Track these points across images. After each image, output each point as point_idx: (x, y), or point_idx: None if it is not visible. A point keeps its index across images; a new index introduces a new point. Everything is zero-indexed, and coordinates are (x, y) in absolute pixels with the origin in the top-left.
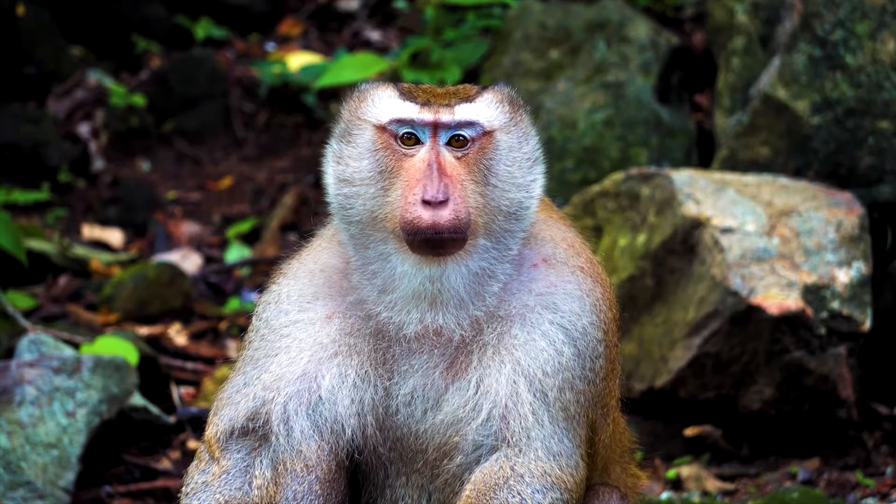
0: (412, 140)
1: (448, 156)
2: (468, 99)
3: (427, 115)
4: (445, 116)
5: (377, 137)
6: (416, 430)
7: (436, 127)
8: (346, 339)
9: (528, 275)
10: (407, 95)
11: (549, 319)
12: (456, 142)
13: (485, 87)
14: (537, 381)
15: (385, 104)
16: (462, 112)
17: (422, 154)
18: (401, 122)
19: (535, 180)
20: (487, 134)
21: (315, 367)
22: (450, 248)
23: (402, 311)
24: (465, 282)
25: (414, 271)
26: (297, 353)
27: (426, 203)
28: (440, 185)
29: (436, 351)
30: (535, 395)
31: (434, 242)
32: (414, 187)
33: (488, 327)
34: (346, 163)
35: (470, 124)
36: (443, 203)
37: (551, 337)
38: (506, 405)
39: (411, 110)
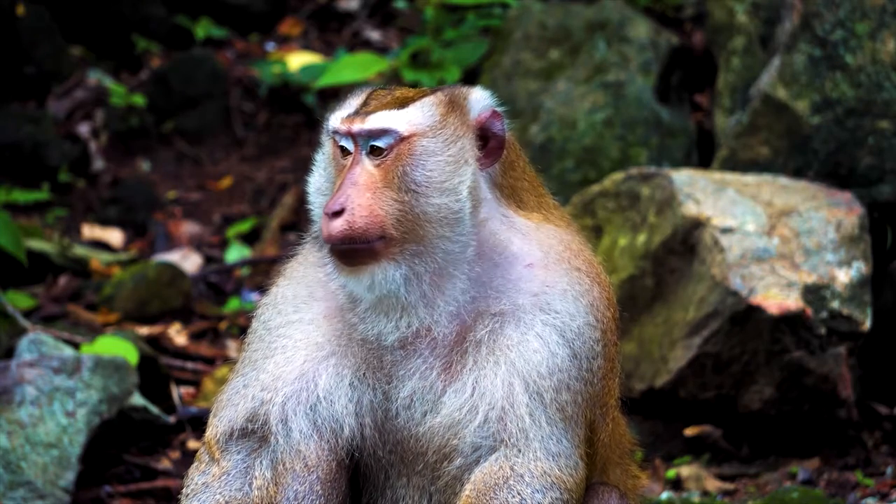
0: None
1: (368, 165)
2: (398, 105)
3: (343, 126)
4: (357, 126)
5: (332, 148)
6: (416, 433)
7: (356, 137)
8: (339, 341)
9: (520, 274)
10: (350, 105)
11: (542, 320)
12: (376, 150)
13: (435, 90)
14: (533, 382)
15: (338, 113)
16: (374, 121)
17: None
18: (336, 132)
19: (463, 182)
20: (405, 140)
21: (312, 367)
22: (360, 258)
23: (375, 322)
24: (407, 287)
25: (346, 281)
26: (293, 352)
27: (327, 214)
28: (340, 195)
29: (427, 352)
30: (531, 397)
31: (341, 253)
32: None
33: (480, 323)
34: (316, 172)
35: (384, 132)
36: (338, 214)
37: (545, 338)
38: (502, 407)
39: (337, 120)
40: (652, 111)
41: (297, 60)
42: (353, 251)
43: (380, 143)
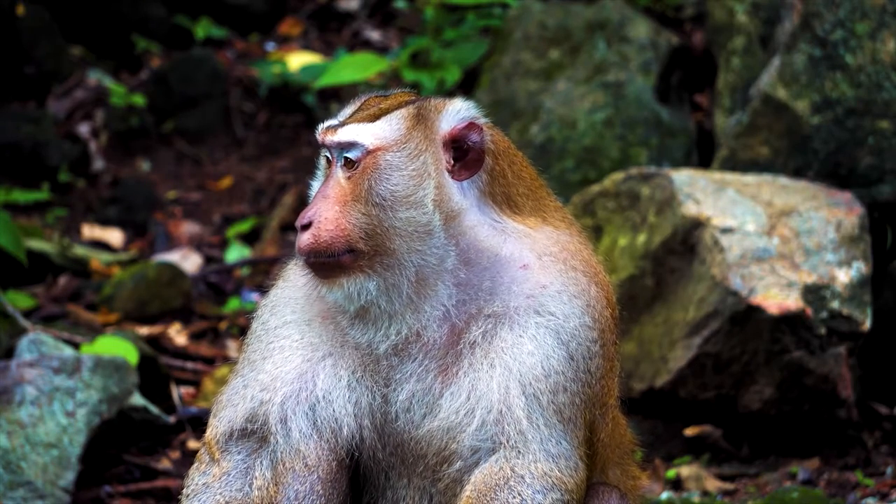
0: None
1: (341, 177)
2: (371, 118)
3: (320, 137)
4: (329, 138)
5: (323, 158)
6: (416, 436)
7: (330, 148)
8: (334, 343)
9: (513, 276)
10: (341, 113)
11: (536, 322)
12: (349, 163)
13: (409, 102)
14: (528, 385)
15: (325, 123)
16: (343, 134)
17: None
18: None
19: (427, 195)
20: (371, 154)
21: (309, 366)
22: (331, 271)
23: (363, 331)
24: (388, 296)
25: (326, 292)
26: (290, 352)
27: (297, 227)
28: (310, 208)
29: (421, 356)
30: (527, 400)
31: (312, 266)
32: None
33: (473, 325)
34: (316, 178)
35: (352, 145)
36: (306, 227)
37: (540, 340)
38: (499, 410)
39: (319, 130)
40: (652, 111)
41: (297, 60)
42: (320, 264)
43: (350, 156)
